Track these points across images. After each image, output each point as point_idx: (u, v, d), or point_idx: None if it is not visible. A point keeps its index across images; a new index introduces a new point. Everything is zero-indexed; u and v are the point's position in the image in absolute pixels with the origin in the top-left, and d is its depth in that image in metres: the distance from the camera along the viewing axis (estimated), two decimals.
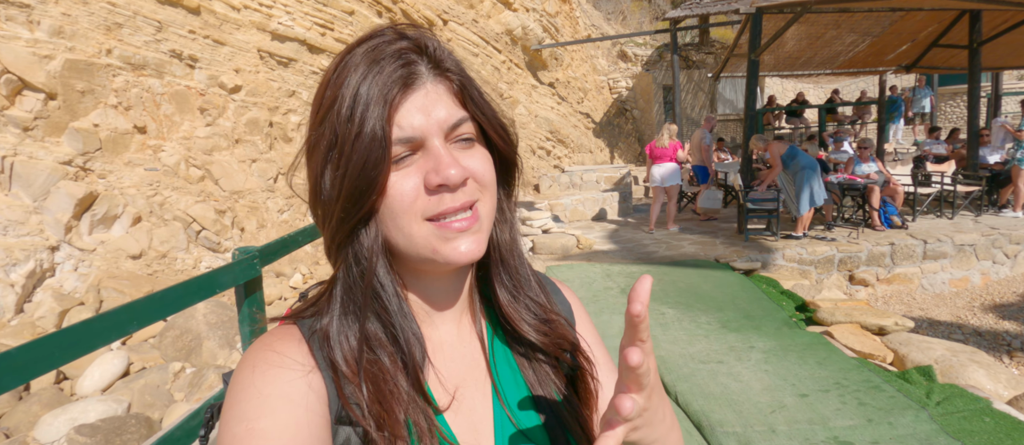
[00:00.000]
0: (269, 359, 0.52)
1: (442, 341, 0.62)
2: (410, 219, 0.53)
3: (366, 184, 0.52)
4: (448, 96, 0.55)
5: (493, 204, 0.58)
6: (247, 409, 0.49)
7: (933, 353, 3.70)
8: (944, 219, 7.93)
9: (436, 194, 0.53)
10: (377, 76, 0.52)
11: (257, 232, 6.90)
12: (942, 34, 9.52)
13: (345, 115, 0.52)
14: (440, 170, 0.52)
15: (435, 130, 0.53)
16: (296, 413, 0.49)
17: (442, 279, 0.60)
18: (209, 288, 2.29)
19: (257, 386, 0.50)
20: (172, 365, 4.30)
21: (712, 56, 15.07)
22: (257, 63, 7.63)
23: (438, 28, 10.44)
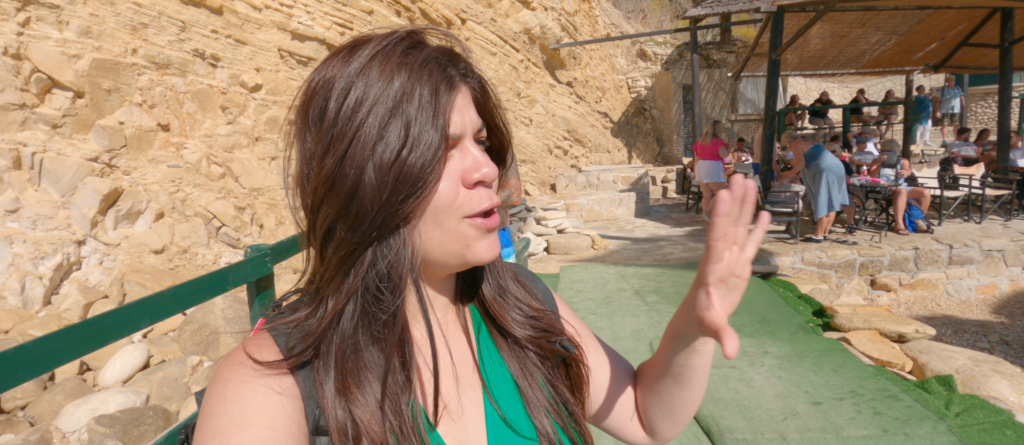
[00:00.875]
0: (243, 371, 0.50)
1: (432, 337, 0.59)
2: (449, 217, 0.53)
3: (421, 182, 0.51)
4: (473, 100, 0.57)
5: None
6: (221, 424, 0.47)
7: (954, 362, 3.60)
8: (971, 223, 7.70)
9: (474, 191, 0.55)
10: (430, 76, 0.52)
11: (275, 229, 7.01)
12: (972, 33, 9.24)
13: (385, 111, 0.50)
14: (479, 167, 0.54)
15: (469, 131, 0.55)
16: (272, 424, 0.48)
17: (436, 282, 0.60)
18: (221, 285, 2.34)
19: (228, 401, 0.48)
20: (190, 358, 4.40)
21: (733, 55, 14.85)
22: (277, 62, 7.75)
23: (456, 27, 10.48)
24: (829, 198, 6.75)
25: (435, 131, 0.51)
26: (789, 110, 13.58)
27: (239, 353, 0.52)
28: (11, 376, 1.47)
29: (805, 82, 16.64)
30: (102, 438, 3.22)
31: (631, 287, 5.59)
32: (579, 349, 0.67)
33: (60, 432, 3.47)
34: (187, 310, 5.03)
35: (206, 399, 0.50)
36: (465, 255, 0.55)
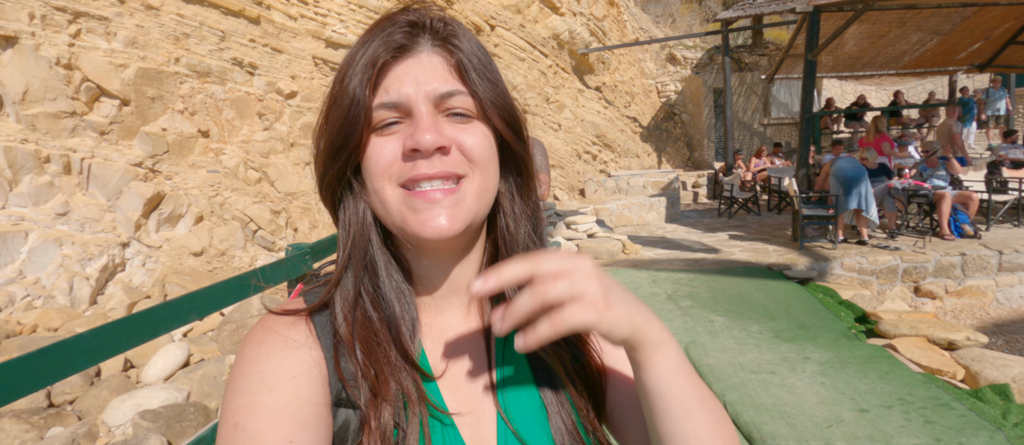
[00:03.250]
0: (274, 335, 0.53)
1: (446, 328, 0.60)
2: (384, 183, 0.53)
3: (342, 140, 0.53)
4: (444, 68, 0.54)
5: (485, 184, 0.55)
6: (251, 383, 0.50)
7: (1011, 371, 3.43)
8: (1022, 228, 7.37)
9: (411, 159, 0.52)
10: (373, 43, 0.53)
11: (309, 232, 7.14)
12: (1020, 31, 8.87)
13: (338, 77, 0.55)
14: (415, 134, 0.51)
15: (422, 97, 0.52)
16: (297, 389, 0.50)
17: (445, 264, 0.59)
18: (266, 280, 2.38)
19: (260, 361, 0.51)
20: (228, 357, 4.49)
21: (766, 58, 14.59)
22: (312, 70, 7.92)
23: (486, 33, 10.55)
24: (839, 201, 6.73)
25: (360, 93, 0.52)
26: (824, 113, 13.25)
27: (272, 317, 0.56)
28: (69, 364, 1.51)
29: (841, 85, 16.22)
30: (146, 432, 3.31)
31: (664, 292, 5.51)
32: (587, 350, 0.62)
33: (106, 426, 3.59)
34: (226, 310, 5.15)
35: (239, 357, 0.53)
36: (403, 228, 0.54)
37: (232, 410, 0.49)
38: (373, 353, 0.53)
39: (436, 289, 0.60)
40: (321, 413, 0.50)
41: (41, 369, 1.42)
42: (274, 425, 0.47)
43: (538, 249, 0.61)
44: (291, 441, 0.47)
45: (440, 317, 0.61)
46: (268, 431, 0.47)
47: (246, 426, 0.47)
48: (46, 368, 1.43)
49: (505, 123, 0.57)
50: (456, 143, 0.53)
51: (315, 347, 0.53)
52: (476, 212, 0.55)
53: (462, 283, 0.61)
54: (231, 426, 0.48)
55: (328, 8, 8.04)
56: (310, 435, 0.48)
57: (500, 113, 0.56)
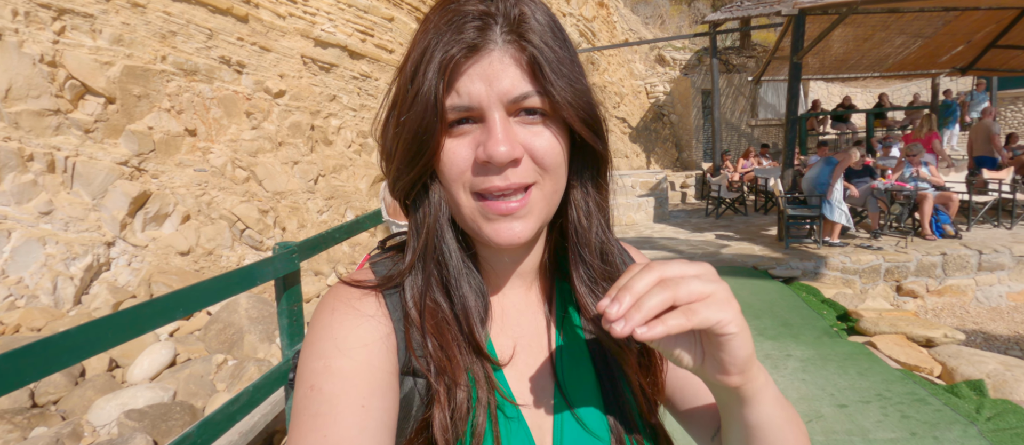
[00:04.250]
0: (345, 305, 0.55)
1: (510, 306, 0.62)
2: (458, 189, 0.53)
3: (418, 147, 0.53)
4: (515, 67, 0.51)
5: (554, 188, 0.55)
6: (326, 347, 0.52)
7: (985, 367, 3.52)
8: (1002, 229, 7.52)
9: (483, 170, 0.52)
10: (444, 38, 0.50)
11: (297, 231, 7.12)
12: (1001, 34, 9.04)
13: (408, 75, 0.53)
14: (488, 147, 0.50)
15: (495, 101, 0.50)
16: (369, 357, 0.52)
17: (512, 253, 0.60)
18: (250, 280, 2.39)
19: (335, 328, 0.53)
20: (215, 357, 4.48)
21: (753, 60, 14.74)
22: (300, 68, 7.90)
23: None
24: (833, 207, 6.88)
25: (435, 97, 0.50)
26: (810, 115, 13.40)
27: (344, 286, 0.58)
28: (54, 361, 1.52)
29: (827, 86, 16.42)
30: (131, 432, 3.30)
31: None
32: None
33: (91, 426, 3.57)
34: (213, 308, 5.13)
35: (313, 322, 0.55)
36: (477, 234, 0.55)
37: (309, 373, 0.51)
38: (444, 338, 0.55)
39: (501, 273, 0.62)
40: (390, 380, 0.53)
41: (24, 366, 1.43)
42: (347, 389, 0.50)
43: (610, 243, 0.61)
44: (363, 405, 0.49)
45: (503, 295, 0.62)
46: (342, 394, 0.49)
47: (322, 388, 0.50)
48: (29, 365, 1.44)
49: (582, 121, 0.54)
50: (528, 150, 0.52)
51: (385, 319, 0.55)
52: (546, 215, 0.56)
53: (526, 267, 0.62)
54: (308, 388, 0.50)
55: (317, 7, 8.03)
56: (380, 400, 0.51)
57: (577, 111, 0.53)
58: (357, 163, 8.34)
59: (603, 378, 0.60)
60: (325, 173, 7.83)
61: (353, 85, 8.52)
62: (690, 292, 0.44)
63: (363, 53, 8.55)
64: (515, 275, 0.62)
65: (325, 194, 7.65)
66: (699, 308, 0.44)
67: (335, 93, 8.27)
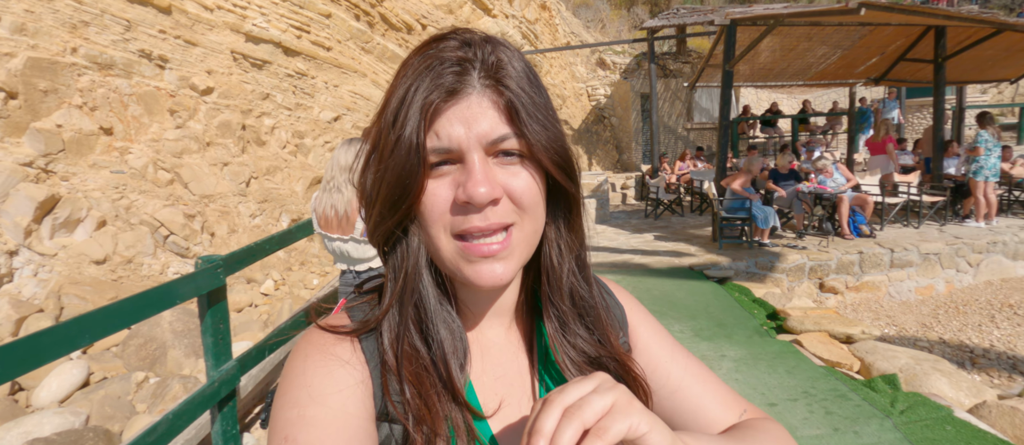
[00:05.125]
0: (319, 350, 0.55)
1: (490, 345, 0.62)
2: (438, 231, 0.54)
3: (401, 191, 0.53)
4: (493, 110, 0.52)
5: (533, 229, 0.56)
6: (299, 396, 0.51)
7: (898, 362, 3.78)
8: (910, 228, 8.14)
9: (464, 210, 0.52)
10: (424, 82, 0.52)
11: (228, 237, 6.76)
12: (909, 48, 9.80)
13: (389, 119, 0.53)
14: (468, 187, 0.51)
15: (474, 143, 0.52)
16: (344, 404, 0.51)
17: (491, 293, 0.60)
18: (169, 298, 2.22)
19: (308, 375, 0.53)
20: (135, 375, 4.17)
21: (689, 65, 15.29)
22: (230, 65, 7.50)
23: (417, 33, 10.40)
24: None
25: (417, 141, 0.51)
26: (742, 119, 14.05)
27: (318, 331, 0.57)
28: None
29: (756, 93, 17.27)
30: None
31: None
32: (636, 382, 0.63)
33: None
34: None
35: (286, 369, 0.55)
36: (457, 275, 0.55)
37: (282, 423, 0.51)
38: (422, 385, 0.54)
39: (479, 313, 0.62)
40: (367, 427, 0.52)
41: None
42: (322, 439, 0.49)
43: (580, 285, 0.62)
44: None
45: (482, 334, 0.62)
46: (317, 444, 0.49)
47: (296, 439, 0.49)
48: None
49: (555, 164, 0.55)
50: (506, 190, 0.53)
51: (361, 365, 0.55)
52: (526, 255, 0.57)
53: (505, 304, 0.62)
54: (281, 439, 0.50)
55: (248, 0, 7.64)
56: None
57: (550, 155, 0.55)
58: (293, 165, 8.01)
59: None
60: (258, 175, 7.47)
61: (288, 83, 8.18)
62: (595, 411, 0.43)
63: (299, 50, 8.22)
64: (494, 315, 0.62)
65: (258, 197, 7.30)
66: (609, 424, 0.43)
67: (268, 91, 7.90)
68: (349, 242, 2.43)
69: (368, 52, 9.60)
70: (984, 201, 7.94)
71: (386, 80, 9.75)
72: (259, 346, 2.87)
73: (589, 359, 0.61)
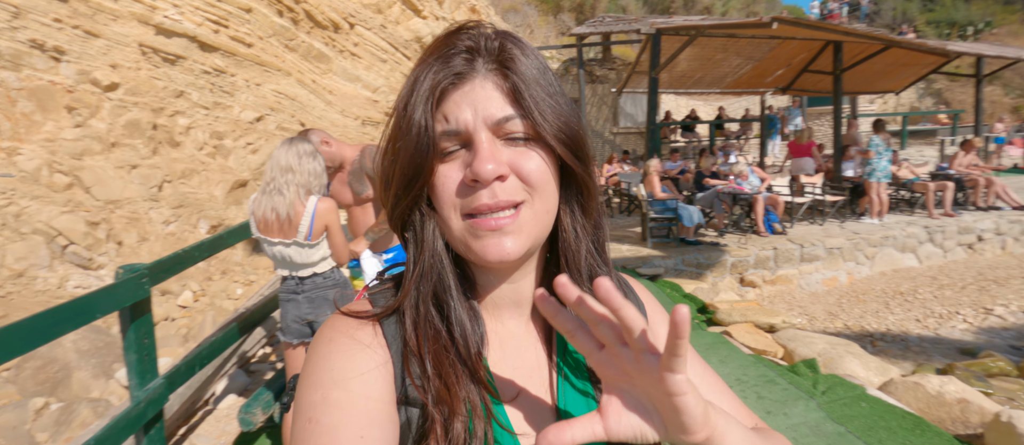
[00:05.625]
0: (342, 335, 0.56)
1: (509, 336, 0.62)
2: (449, 211, 0.56)
3: (413, 171, 0.56)
4: (498, 92, 0.55)
5: (544, 207, 0.57)
6: (322, 379, 0.53)
7: (816, 347, 4.09)
8: (816, 226, 8.86)
9: (472, 189, 0.54)
10: (433, 69, 0.55)
11: (138, 246, 6.21)
12: (812, 61, 10.69)
13: (401, 105, 0.57)
14: (474, 164, 0.53)
15: (481, 123, 0.54)
16: (366, 387, 0.52)
17: (507, 276, 0.61)
18: (87, 313, 2.00)
19: (331, 359, 0.54)
20: (32, 401, 3.73)
21: (614, 72, 15.84)
22: (138, 59, 6.92)
23: (344, 31, 10.08)
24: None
25: (425, 122, 0.54)
26: (665, 124, 14.73)
27: (341, 317, 0.59)
28: None
29: (676, 99, 18.17)
30: None
31: None
32: None
33: None
34: None
35: (310, 354, 0.56)
36: (467, 252, 0.57)
37: (306, 405, 0.52)
38: (442, 366, 0.55)
39: (499, 299, 0.62)
40: (388, 410, 0.53)
41: None
42: (345, 420, 0.50)
43: (599, 267, 0.63)
44: (361, 436, 0.50)
45: (501, 325, 0.63)
46: (340, 426, 0.50)
47: (320, 420, 0.50)
48: None
49: (564, 145, 0.57)
50: (514, 169, 0.55)
51: (382, 348, 0.56)
52: (537, 235, 0.57)
53: (523, 293, 0.63)
54: (305, 420, 0.51)
55: None
56: (379, 431, 0.51)
57: (558, 135, 0.56)
58: (211, 167, 7.50)
59: None
60: (172, 178, 6.93)
61: (205, 80, 7.66)
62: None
63: (216, 45, 7.72)
64: (513, 305, 0.63)
65: (172, 202, 6.76)
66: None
67: (183, 88, 7.36)
68: (292, 246, 2.30)
69: (292, 50, 9.18)
70: (877, 200, 8.79)
71: (312, 79, 9.37)
72: (188, 361, 2.65)
73: None
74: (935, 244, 8.50)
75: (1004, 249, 8.82)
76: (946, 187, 9.16)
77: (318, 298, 2.35)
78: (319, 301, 2.35)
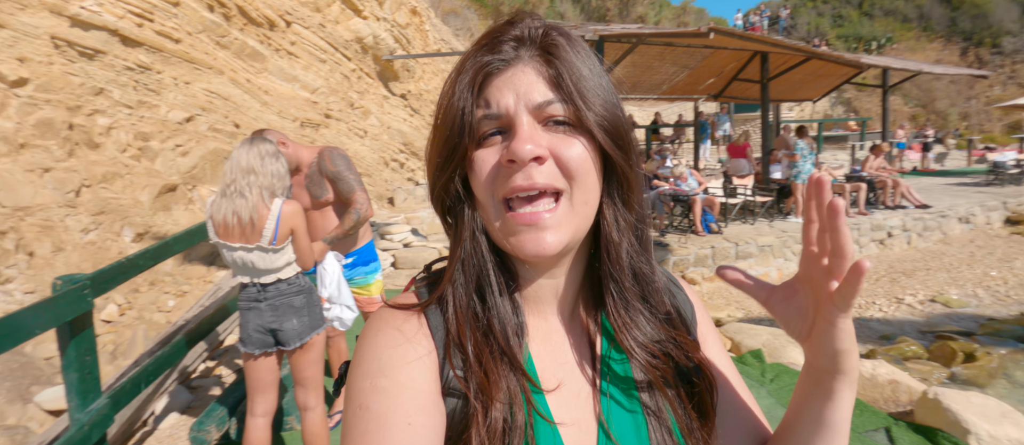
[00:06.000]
0: (389, 327, 0.58)
1: (551, 330, 0.62)
2: (487, 197, 0.56)
3: (448, 152, 0.56)
4: (540, 78, 0.55)
5: (584, 200, 0.56)
6: (371, 368, 0.54)
7: (760, 338, 4.33)
8: (748, 225, 9.37)
9: (509, 171, 0.53)
10: (478, 55, 0.56)
11: (53, 257, 5.68)
12: (741, 70, 11.32)
13: (447, 90, 0.57)
14: (512, 144, 0.52)
15: (521, 107, 0.54)
16: (412, 377, 0.54)
17: (548, 270, 0.61)
18: (19, 332, 1.80)
19: (379, 349, 0.56)
20: None
21: None
22: (51, 52, 6.34)
23: (280, 29, 9.68)
24: None
25: (465, 105, 0.55)
26: None
27: (389, 309, 0.60)
28: None
29: None
30: None
31: None
32: (713, 387, 0.62)
33: None
34: None
35: (360, 344, 0.58)
36: (505, 243, 0.56)
37: (357, 392, 0.54)
38: (482, 354, 0.56)
39: (540, 293, 0.62)
40: (434, 399, 0.54)
41: None
42: (393, 407, 0.52)
43: (643, 263, 0.62)
44: (409, 423, 0.51)
45: (544, 321, 0.62)
46: (388, 413, 0.51)
47: (369, 406, 0.52)
48: None
49: (607, 133, 0.56)
50: (553, 153, 0.54)
51: (426, 339, 0.57)
52: (576, 229, 0.57)
53: (567, 292, 0.62)
54: (357, 406, 0.53)
55: None
56: (426, 418, 0.52)
57: (601, 123, 0.56)
58: (136, 171, 6.98)
59: (646, 400, 0.60)
60: (91, 183, 6.39)
61: (128, 77, 7.12)
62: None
63: (140, 40, 7.21)
64: (555, 299, 0.62)
65: (92, 209, 6.23)
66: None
67: (103, 85, 6.81)
68: (254, 251, 2.18)
69: (224, 47, 8.71)
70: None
71: (247, 79, 8.93)
72: (133, 379, 2.45)
73: (654, 340, 0.61)
74: (851, 241, 9.21)
75: (910, 244, 9.69)
76: (859, 188, 9.95)
77: (282, 305, 2.24)
78: (284, 308, 2.24)
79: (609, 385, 0.60)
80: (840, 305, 0.50)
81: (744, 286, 0.58)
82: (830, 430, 0.55)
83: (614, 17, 23.46)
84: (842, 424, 0.55)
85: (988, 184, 12.73)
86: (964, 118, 24.13)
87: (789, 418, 0.61)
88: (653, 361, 0.60)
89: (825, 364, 0.53)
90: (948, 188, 12.55)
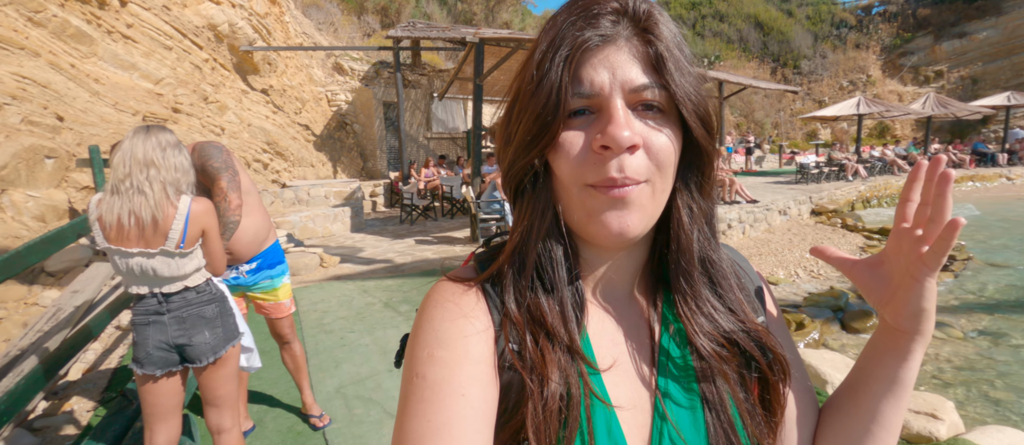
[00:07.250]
0: (446, 300, 0.57)
1: (609, 314, 0.61)
2: (571, 180, 0.54)
3: (538, 129, 0.53)
4: (639, 59, 0.52)
5: (663, 189, 0.55)
6: (428, 339, 0.55)
7: None
8: None
9: (600, 158, 0.52)
10: (572, 29, 0.53)
11: None
12: None
13: (534, 64, 0.54)
14: (609, 130, 0.50)
15: (617, 89, 0.52)
16: (468, 349, 0.54)
17: (614, 254, 0.60)
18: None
19: (436, 321, 0.56)
20: None
21: (425, 77, 15.98)
22: None
23: (113, 9, 8.41)
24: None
25: (556, 80, 0.52)
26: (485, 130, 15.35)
27: (447, 282, 0.60)
28: None
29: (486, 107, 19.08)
30: None
31: (379, 300, 5.49)
32: (785, 375, 0.59)
33: None
34: None
35: (419, 317, 0.58)
36: (584, 227, 0.55)
37: (415, 361, 0.54)
38: (538, 333, 0.56)
39: (602, 276, 0.61)
40: (489, 372, 0.54)
41: None
42: (448, 378, 0.52)
43: (712, 251, 0.60)
44: (463, 394, 0.51)
45: (602, 302, 0.61)
46: (444, 382, 0.52)
47: (426, 376, 0.53)
48: None
49: (699, 119, 0.55)
50: (645, 142, 0.53)
51: (484, 313, 0.57)
52: (652, 216, 0.56)
53: (628, 275, 0.62)
54: (413, 375, 0.54)
55: None
56: (480, 390, 0.52)
57: (695, 109, 0.54)
58: None
59: (705, 385, 0.58)
60: None
61: None
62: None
63: None
64: (617, 282, 0.62)
65: None
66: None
67: None
68: (156, 256, 1.91)
69: (39, 25, 7.36)
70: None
71: (71, 64, 7.63)
72: None
73: (722, 331, 0.59)
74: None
75: (744, 234, 11.22)
76: None
77: (191, 317, 1.98)
78: (193, 320, 1.98)
79: (667, 372, 0.58)
80: (931, 264, 0.52)
81: (834, 260, 0.61)
82: (902, 387, 0.57)
83: (481, 22, 23.88)
84: (912, 382, 0.58)
85: (797, 182, 15.17)
86: (775, 127, 28.55)
87: (856, 378, 0.61)
88: (720, 351, 0.58)
89: (905, 325, 0.55)
90: (768, 186, 14.75)
